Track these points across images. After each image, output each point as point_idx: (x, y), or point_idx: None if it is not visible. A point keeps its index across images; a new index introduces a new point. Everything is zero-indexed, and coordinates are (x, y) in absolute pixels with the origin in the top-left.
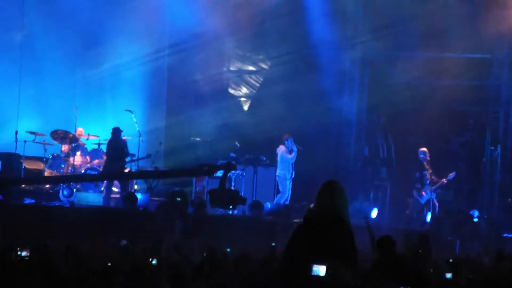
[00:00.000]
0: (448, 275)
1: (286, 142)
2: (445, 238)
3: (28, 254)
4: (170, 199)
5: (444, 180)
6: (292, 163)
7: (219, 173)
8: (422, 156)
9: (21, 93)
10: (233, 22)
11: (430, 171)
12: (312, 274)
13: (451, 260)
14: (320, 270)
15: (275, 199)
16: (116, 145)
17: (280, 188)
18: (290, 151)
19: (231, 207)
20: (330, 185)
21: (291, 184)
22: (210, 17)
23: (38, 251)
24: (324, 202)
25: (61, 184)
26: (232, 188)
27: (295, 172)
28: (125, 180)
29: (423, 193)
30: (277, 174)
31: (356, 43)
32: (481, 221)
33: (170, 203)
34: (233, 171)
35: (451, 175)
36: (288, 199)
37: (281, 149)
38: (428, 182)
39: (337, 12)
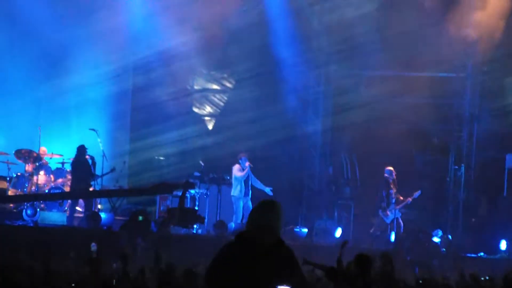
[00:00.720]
0: None
1: (240, 160)
2: (405, 258)
3: None
4: (132, 218)
5: (410, 199)
6: (244, 181)
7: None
8: (388, 175)
9: None
10: (198, 41)
11: (395, 190)
12: None
13: (420, 281)
14: None
15: (233, 220)
16: (80, 163)
17: (234, 207)
18: (242, 170)
19: (189, 226)
20: (264, 203)
21: (248, 203)
22: (175, 35)
23: (2, 270)
24: (257, 220)
25: (25, 204)
26: (197, 207)
27: (252, 191)
28: (87, 198)
29: (388, 212)
30: (231, 193)
31: (320, 62)
32: (442, 241)
33: (132, 222)
34: (197, 190)
35: (416, 193)
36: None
37: (235, 167)
38: (394, 201)
39: (302, 31)
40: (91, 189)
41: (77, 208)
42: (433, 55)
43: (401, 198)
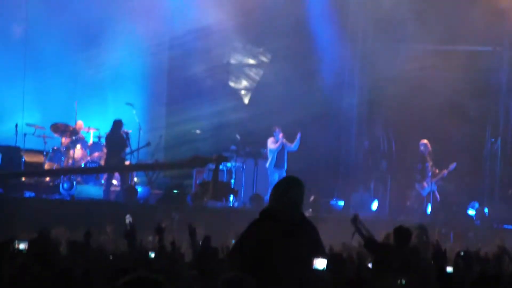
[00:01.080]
0: (449, 269)
1: (274, 133)
2: (440, 230)
3: (26, 247)
4: (167, 191)
5: (445, 171)
6: (278, 153)
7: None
8: (423, 148)
9: (24, 86)
10: (234, 16)
11: (431, 163)
12: (313, 268)
13: (462, 253)
14: (319, 264)
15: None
16: (115, 137)
17: (269, 179)
18: (276, 142)
19: (223, 199)
20: (287, 180)
21: (283, 175)
22: (210, 10)
23: (36, 243)
24: (280, 197)
25: (61, 177)
26: (233, 180)
27: (288, 163)
28: (121, 172)
29: (425, 184)
30: (266, 166)
31: (356, 37)
32: (477, 213)
33: (167, 196)
34: (233, 163)
35: (452, 166)
36: None
37: (269, 140)
38: (429, 174)
39: (337, 6)
40: (126, 163)
41: (113, 181)
42: (469, 29)
43: (437, 171)
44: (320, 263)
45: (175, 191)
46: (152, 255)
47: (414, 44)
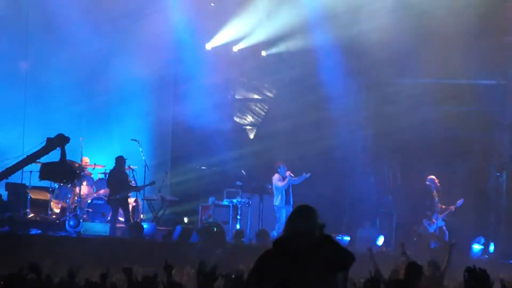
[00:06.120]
0: None
1: (279, 169)
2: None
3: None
4: (206, 229)
5: (453, 207)
6: (285, 190)
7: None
8: (431, 183)
9: (26, 121)
10: (239, 50)
11: (438, 199)
12: None
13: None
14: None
15: (275, 229)
16: (118, 174)
17: (276, 216)
18: (283, 179)
19: (64, 180)
20: (300, 209)
21: (290, 211)
22: (215, 45)
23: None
24: (294, 226)
25: (68, 214)
26: (239, 216)
27: (293, 199)
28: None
29: (434, 220)
30: (274, 203)
31: (361, 71)
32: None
33: (207, 234)
34: (239, 199)
35: (460, 202)
36: None
37: (275, 177)
38: (438, 209)
39: (344, 40)
40: (132, 200)
41: (119, 218)
42: (474, 63)
43: (443, 206)
44: None
45: (215, 229)
46: None
47: (418, 79)
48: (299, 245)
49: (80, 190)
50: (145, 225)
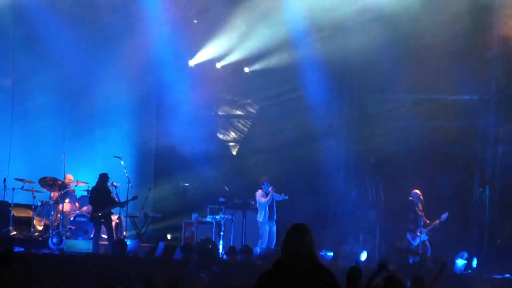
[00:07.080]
0: None
1: (263, 185)
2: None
3: None
4: (201, 246)
5: (437, 222)
6: (268, 206)
7: None
8: (415, 198)
9: (12, 139)
10: (222, 67)
11: (422, 213)
12: None
13: None
14: None
15: (258, 245)
16: (100, 191)
17: (260, 232)
18: (266, 195)
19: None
20: (295, 228)
21: (273, 227)
22: (198, 61)
23: None
24: (292, 247)
25: (51, 232)
26: (222, 232)
27: (277, 215)
28: None
29: (418, 233)
30: (257, 219)
31: (344, 87)
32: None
33: (202, 250)
34: (222, 216)
35: (444, 216)
36: (273, 244)
37: (258, 193)
38: (422, 223)
39: (326, 56)
40: (114, 217)
41: (102, 235)
42: (456, 78)
43: (428, 221)
44: None
45: (210, 246)
46: None
47: (401, 94)
48: (301, 266)
49: (63, 207)
50: (128, 242)
